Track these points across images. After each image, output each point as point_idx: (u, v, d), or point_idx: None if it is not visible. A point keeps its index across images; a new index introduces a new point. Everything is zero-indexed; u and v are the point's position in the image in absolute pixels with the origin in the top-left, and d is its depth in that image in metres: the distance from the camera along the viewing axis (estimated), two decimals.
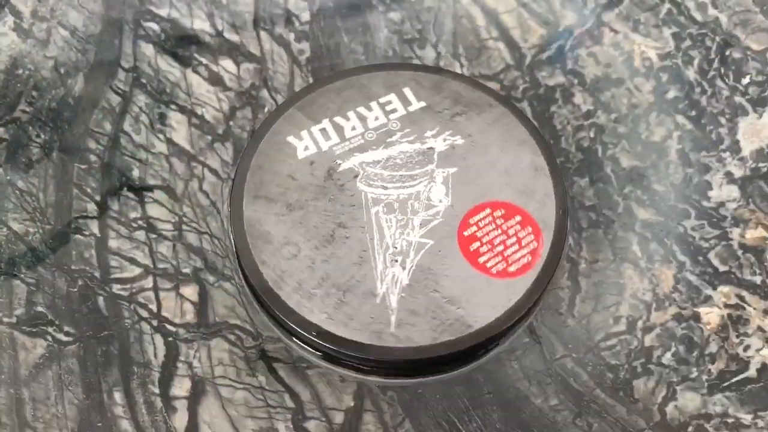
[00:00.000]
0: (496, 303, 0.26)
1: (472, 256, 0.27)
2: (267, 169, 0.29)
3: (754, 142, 0.32)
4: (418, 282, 0.27)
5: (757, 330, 0.28)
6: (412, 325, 0.26)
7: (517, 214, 0.28)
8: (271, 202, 0.29)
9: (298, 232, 0.28)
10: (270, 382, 0.29)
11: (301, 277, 0.27)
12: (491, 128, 0.30)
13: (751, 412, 0.26)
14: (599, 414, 0.27)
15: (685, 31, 0.35)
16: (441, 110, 0.31)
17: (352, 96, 0.31)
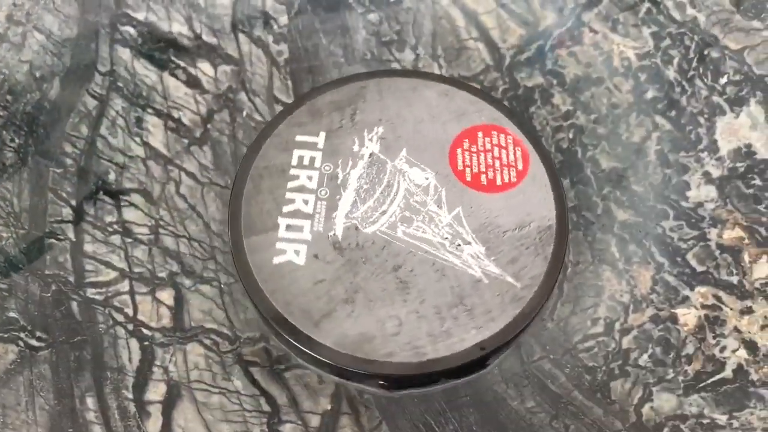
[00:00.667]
0: (541, 195, 0.28)
1: (489, 187, 0.28)
2: (293, 298, 0.27)
3: (731, 141, 0.32)
4: (488, 241, 0.27)
5: (734, 330, 0.28)
6: (524, 268, 0.27)
7: (477, 131, 0.30)
8: (332, 315, 0.26)
9: (379, 307, 0.26)
10: (246, 387, 0.29)
11: (425, 329, 0.26)
12: (385, 100, 0.30)
13: (726, 412, 0.26)
14: (576, 416, 0.27)
15: (664, 30, 0.35)
16: (339, 124, 0.30)
17: (271, 183, 0.29)
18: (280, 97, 0.36)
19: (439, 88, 0.31)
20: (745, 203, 0.31)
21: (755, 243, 0.30)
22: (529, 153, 0.29)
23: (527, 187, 0.28)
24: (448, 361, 0.25)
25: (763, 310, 0.28)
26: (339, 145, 0.30)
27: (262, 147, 0.30)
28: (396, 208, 0.28)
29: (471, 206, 0.28)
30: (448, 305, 0.26)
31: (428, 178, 0.29)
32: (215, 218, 0.33)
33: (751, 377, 0.27)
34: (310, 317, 0.26)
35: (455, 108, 0.30)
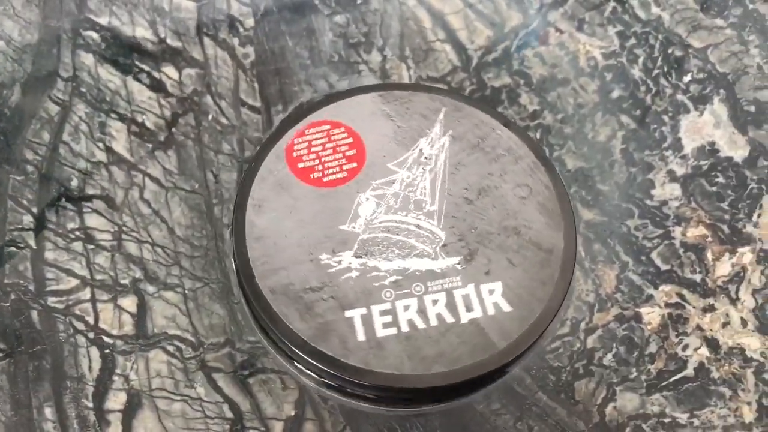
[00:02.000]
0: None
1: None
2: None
3: (695, 139, 0.32)
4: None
5: (696, 329, 0.28)
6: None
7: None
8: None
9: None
10: (209, 393, 0.28)
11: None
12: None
13: (687, 411, 0.26)
14: (540, 417, 0.27)
15: (629, 29, 0.35)
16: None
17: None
18: (247, 99, 0.35)
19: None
20: (708, 201, 0.31)
21: (718, 241, 0.30)
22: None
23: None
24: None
25: (724, 308, 0.28)
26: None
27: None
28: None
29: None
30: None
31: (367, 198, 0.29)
32: (180, 223, 0.32)
33: (712, 375, 0.27)
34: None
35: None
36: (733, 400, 0.26)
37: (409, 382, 0.25)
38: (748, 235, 0.29)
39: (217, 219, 0.33)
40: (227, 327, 0.30)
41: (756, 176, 0.30)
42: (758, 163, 0.30)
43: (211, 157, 0.34)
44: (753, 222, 0.29)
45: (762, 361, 0.26)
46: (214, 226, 0.33)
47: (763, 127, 0.31)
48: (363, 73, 0.37)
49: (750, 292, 0.28)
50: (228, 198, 0.34)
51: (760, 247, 0.29)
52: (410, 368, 0.25)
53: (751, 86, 0.31)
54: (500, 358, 0.25)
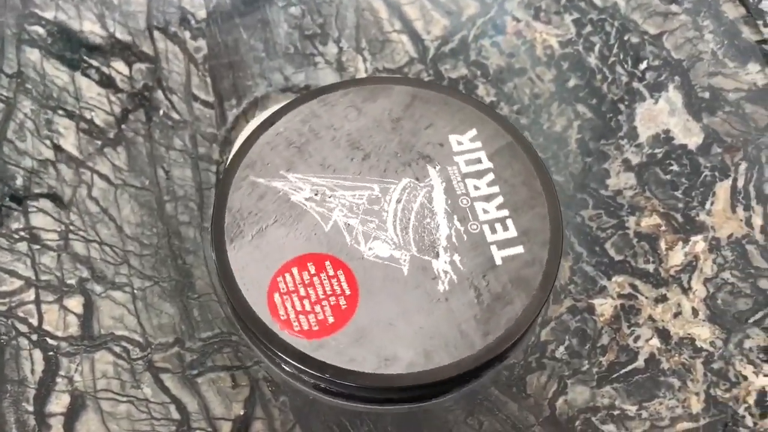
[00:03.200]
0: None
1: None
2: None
3: (650, 127, 0.32)
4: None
5: (648, 320, 0.27)
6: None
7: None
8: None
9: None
10: (156, 394, 0.28)
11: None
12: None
13: (636, 403, 0.26)
14: (491, 411, 0.27)
15: (585, 17, 0.35)
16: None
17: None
18: (199, 94, 0.35)
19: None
20: (662, 189, 0.30)
21: (672, 230, 0.29)
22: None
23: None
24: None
25: (676, 298, 0.28)
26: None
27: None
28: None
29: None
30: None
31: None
32: (129, 221, 0.32)
33: (662, 366, 0.26)
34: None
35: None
36: (682, 391, 0.25)
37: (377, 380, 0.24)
38: (701, 224, 0.29)
39: (168, 216, 0.32)
40: (177, 326, 0.30)
41: (709, 163, 0.29)
42: (711, 151, 0.30)
43: (162, 154, 0.34)
44: (706, 210, 0.29)
45: (711, 351, 0.26)
46: (166, 224, 0.32)
47: (717, 114, 0.30)
48: (319, 65, 0.36)
49: (702, 281, 0.28)
50: (183, 195, 0.33)
51: (712, 235, 0.28)
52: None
53: (705, 72, 0.31)
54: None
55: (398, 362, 0.24)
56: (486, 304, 0.24)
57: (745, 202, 0.29)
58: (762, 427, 0.23)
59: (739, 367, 0.25)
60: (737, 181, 0.29)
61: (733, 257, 0.28)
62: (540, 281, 0.24)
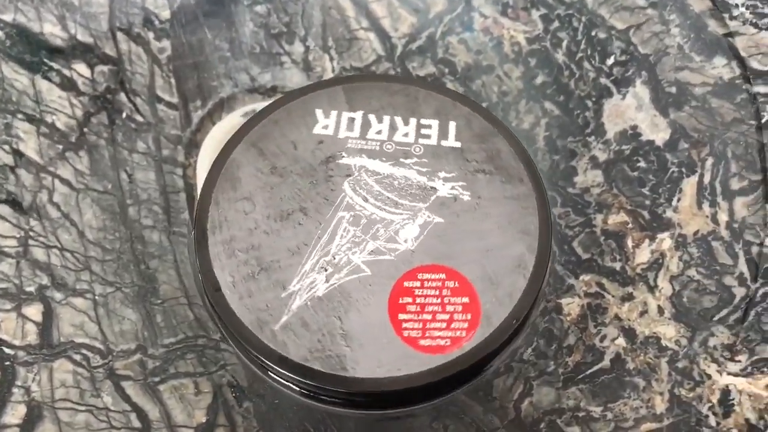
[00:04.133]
0: (387, 364, 0.24)
1: (394, 308, 0.25)
2: (280, 126, 0.28)
3: (618, 123, 0.31)
4: (330, 300, 0.25)
5: (614, 318, 0.27)
6: (295, 335, 0.24)
7: (466, 295, 0.25)
8: (260, 156, 0.28)
9: (263, 195, 0.27)
10: (116, 402, 0.27)
11: (237, 233, 0.26)
12: (505, 202, 0.27)
13: (601, 404, 0.25)
14: (456, 415, 0.26)
15: (553, 12, 0.34)
16: (470, 159, 0.28)
17: (401, 103, 0.29)
18: (163, 95, 0.34)
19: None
20: (629, 186, 0.30)
21: (638, 227, 0.29)
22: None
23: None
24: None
25: (643, 296, 0.27)
26: (445, 160, 0.28)
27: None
28: (372, 211, 0.27)
29: (367, 298, 0.25)
30: (250, 253, 0.25)
31: (405, 243, 0.26)
32: (91, 225, 0.31)
33: (628, 366, 0.26)
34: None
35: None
36: (647, 391, 0.25)
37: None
38: (667, 221, 0.28)
39: (131, 220, 0.32)
40: (139, 332, 0.29)
41: (676, 159, 0.29)
42: (678, 146, 0.29)
43: (125, 157, 0.33)
44: (673, 207, 0.28)
45: (676, 350, 0.25)
46: (129, 228, 0.31)
47: (683, 109, 0.30)
48: (286, 65, 0.36)
49: (668, 278, 0.27)
50: (146, 199, 0.33)
51: (678, 232, 0.28)
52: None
53: (672, 67, 0.30)
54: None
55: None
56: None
57: (711, 198, 0.28)
58: (725, 426, 0.23)
59: (703, 365, 0.25)
60: (704, 177, 0.28)
61: (699, 254, 0.27)
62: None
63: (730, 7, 0.30)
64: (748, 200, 0.27)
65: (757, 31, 0.29)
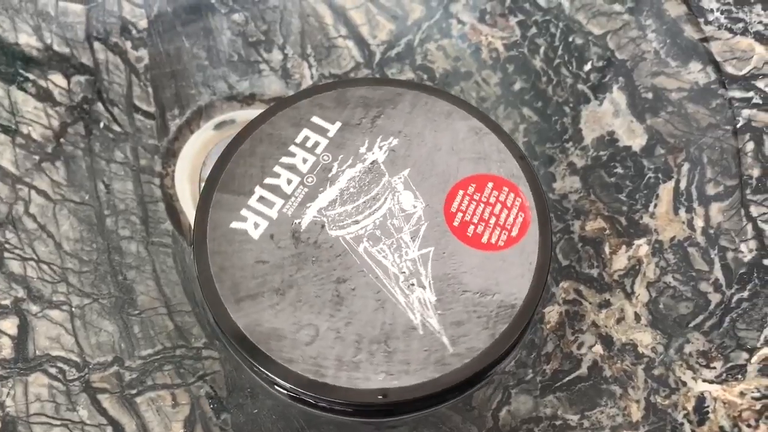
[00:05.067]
0: (520, 271, 0.25)
1: (473, 241, 0.26)
2: (230, 267, 0.26)
3: (595, 129, 0.31)
4: (444, 293, 0.25)
5: (592, 326, 0.27)
6: (465, 336, 0.24)
7: (488, 181, 0.27)
8: (257, 299, 0.25)
9: (305, 311, 0.25)
10: (92, 416, 0.27)
11: (336, 352, 0.24)
12: (414, 115, 0.28)
13: (578, 412, 0.25)
14: (435, 425, 0.26)
15: (530, 18, 0.34)
16: (359, 121, 0.28)
17: (267, 150, 0.28)
18: (140, 105, 0.34)
19: (472, 123, 0.28)
20: (607, 192, 0.30)
21: (616, 233, 0.29)
22: (530, 223, 0.26)
23: (511, 257, 0.26)
24: (343, 394, 0.23)
25: (620, 303, 0.27)
26: (348, 141, 0.28)
27: (276, 114, 0.29)
28: (370, 223, 0.26)
29: (444, 251, 0.26)
30: (370, 339, 0.24)
31: (416, 207, 0.27)
32: (68, 237, 0.31)
33: (605, 373, 0.26)
34: (235, 291, 0.25)
35: (479, 149, 0.28)
36: (623, 399, 0.25)
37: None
38: (644, 226, 0.28)
39: (109, 231, 0.31)
40: (116, 344, 0.29)
41: (653, 165, 0.29)
42: (655, 152, 0.29)
43: (102, 167, 0.33)
44: (650, 212, 0.28)
45: (652, 357, 0.25)
46: (106, 239, 0.31)
47: (660, 114, 0.30)
48: (264, 72, 0.36)
49: (644, 285, 0.27)
50: (124, 209, 0.32)
51: (655, 238, 0.28)
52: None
53: (648, 72, 0.30)
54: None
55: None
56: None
57: (688, 203, 0.28)
58: None
59: (678, 372, 0.25)
60: (680, 183, 0.28)
61: (675, 260, 0.27)
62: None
63: (706, 12, 0.30)
64: (723, 206, 0.27)
65: (732, 36, 0.29)
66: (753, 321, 0.24)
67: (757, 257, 0.26)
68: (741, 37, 0.29)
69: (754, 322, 0.24)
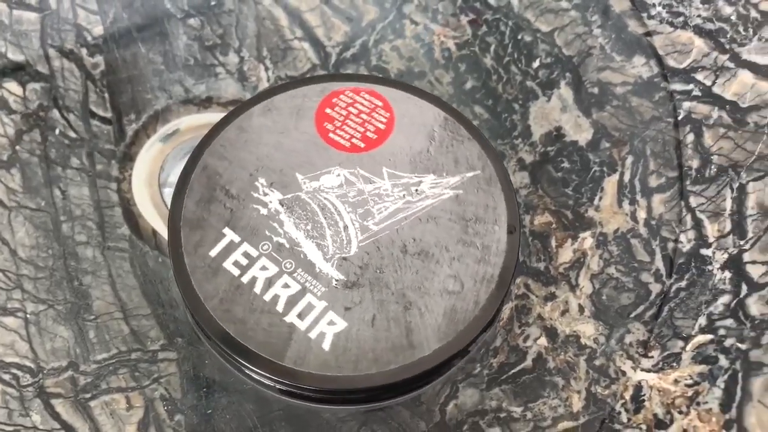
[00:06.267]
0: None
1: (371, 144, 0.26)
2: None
3: (543, 125, 0.31)
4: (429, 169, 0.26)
5: (537, 318, 0.27)
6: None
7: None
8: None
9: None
10: (45, 421, 0.27)
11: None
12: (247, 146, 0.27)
13: (522, 404, 0.25)
14: (384, 421, 0.26)
15: (481, 17, 0.35)
16: (229, 207, 0.26)
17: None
18: (97, 111, 0.34)
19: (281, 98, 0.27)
20: (554, 187, 0.30)
21: (562, 227, 0.29)
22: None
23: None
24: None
25: (564, 295, 0.27)
26: (248, 222, 0.26)
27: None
28: (349, 219, 0.26)
29: (386, 163, 0.25)
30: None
31: (338, 174, 0.26)
32: (24, 244, 0.31)
33: (549, 365, 0.26)
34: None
35: (298, 104, 0.27)
36: (565, 390, 0.25)
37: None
38: (589, 220, 0.28)
39: (65, 236, 0.31)
40: (71, 349, 0.29)
41: (598, 159, 0.29)
42: (600, 146, 0.29)
43: (58, 173, 0.33)
44: (594, 206, 0.29)
45: (594, 348, 0.26)
46: (62, 245, 0.31)
47: (605, 109, 0.30)
48: (220, 75, 0.36)
49: (588, 277, 0.27)
50: (80, 215, 0.32)
51: (599, 231, 0.28)
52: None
53: (594, 68, 0.31)
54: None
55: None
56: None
57: (631, 196, 0.28)
58: (635, 422, 0.23)
59: (619, 362, 0.25)
60: (624, 176, 0.29)
61: (618, 252, 0.27)
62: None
63: (648, 7, 0.30)
64: (665, 197, 0.27)
65: (673, 30, 0.30)
66: (689, 310, 0.25)
67: (694, 247, 0.26)
68: (681, 30, 0.29)
69: (690, 311, 0.25)
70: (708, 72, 0.28)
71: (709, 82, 0.28)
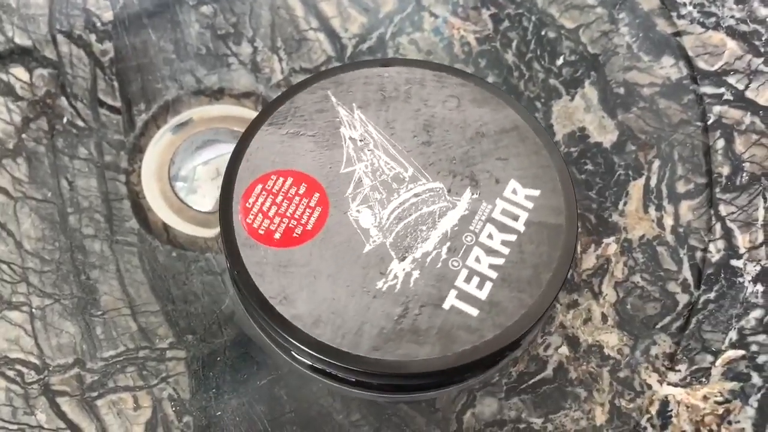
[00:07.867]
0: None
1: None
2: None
3: (566, 125, 0.30)
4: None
5: (559, 326, 0.26)
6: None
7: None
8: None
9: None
10: (50, 420, 0.26)
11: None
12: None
13: (542, 415, 0.24)
14: (399, 427, 0.25)
15: (503, 11, 0.33)
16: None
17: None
18: (105, 99, 0.33)
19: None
20: (577, 190, 0.29)
21: (585, 232, 0.28)
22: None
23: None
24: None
25: (587, 303, 0.26)
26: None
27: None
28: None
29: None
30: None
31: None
32: (30, 236, 0.30)
33: (570, 375, 0.25)
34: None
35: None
36: (587, 402, 0.24)
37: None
38: (613, 225, 0.27)
39: (72, 229, 0.30)
40: (78, 346, 0.28)
41: (623, 162, 0.28)
42: (626, 148, 0.28)
43: (65, 163, 0.32)
44: (619, 210, 0.28)
45: (618, 359, 0.25)
46: (69, 237, 0.30)
47: (631, 110, 0.29)
48: (233, 66, 0.35)
49: (612, 285, 0.26)
50: (87, 207, 0.31)
51: (624, 236, 0.27)
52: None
53: (620, 67, 0.30)
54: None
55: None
56: (399, 329, 0.23)
57: (657, 201, 0.27)
58: None
59: (644, 375, 0.24)
60: (650, 180, 0.28)
61: (644, 259, 0.26)
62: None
63: (678, 6, 0.29)
64: (693, 204, 0.27)
65: (704, 31, 0.29)
66: (719, 323, 0.24)
67: (724, 257, 0.25)
68: (713, 31, 0.28)
69: (719, 324, 0.24)
70: (741, 76, 0.27)
71: (742, 87, 0.27)
